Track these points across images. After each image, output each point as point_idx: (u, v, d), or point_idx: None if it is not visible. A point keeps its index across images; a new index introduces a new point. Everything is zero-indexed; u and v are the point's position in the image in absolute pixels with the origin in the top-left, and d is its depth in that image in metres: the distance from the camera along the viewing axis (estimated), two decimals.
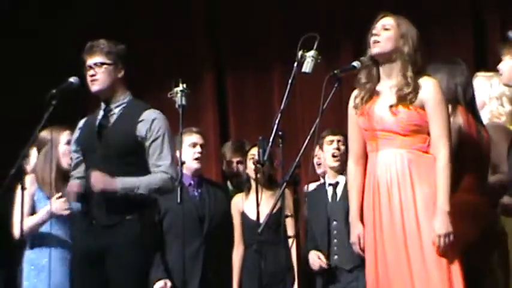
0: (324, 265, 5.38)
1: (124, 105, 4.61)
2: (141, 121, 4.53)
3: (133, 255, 4.39)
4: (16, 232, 5.08)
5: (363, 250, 4.13)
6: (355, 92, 4.18)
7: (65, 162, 5.21)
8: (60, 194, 5.07)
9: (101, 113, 4.62)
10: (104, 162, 4.50)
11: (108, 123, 4.57)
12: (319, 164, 5.85)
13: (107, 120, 4.58)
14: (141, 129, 4.52)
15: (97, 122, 4.60)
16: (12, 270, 4.99)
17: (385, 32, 4.05)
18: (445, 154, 3.94)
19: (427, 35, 6.51)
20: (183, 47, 7.56)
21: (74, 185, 4.65)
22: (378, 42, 4.05)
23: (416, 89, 4.00)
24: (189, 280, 5.32)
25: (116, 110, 4.59)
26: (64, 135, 5.23)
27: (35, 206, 5.15)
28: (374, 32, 4.07)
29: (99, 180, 4.39)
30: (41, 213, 5.09)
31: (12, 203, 5.09)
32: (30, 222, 4.99)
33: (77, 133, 4.76)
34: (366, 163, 4.15)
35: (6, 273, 5.16)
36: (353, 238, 4.18)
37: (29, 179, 5.03)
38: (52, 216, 5.05)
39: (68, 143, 5.22)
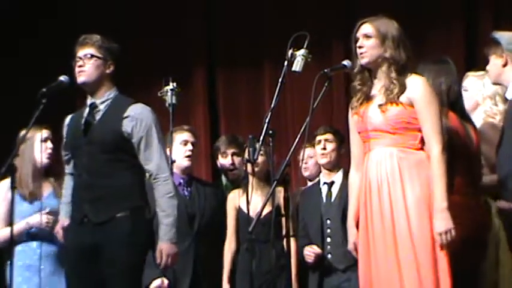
0: (318, 252, 5.37)
1: (110, 100, 4.57)
2: (126, 117, 4.48)
3: (125, 253, 4.35)
4: None
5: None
6: (353, 99, 4.20)
7: (41, 159, 5.19)
8: (48, 209, 5.06)
9: (87, 109, 4.60)
10: (90, 159, 4.48)
11: (94, 119, 4.54)
12: (306, 168, 5.89)
13: (92, 117, 4.55)
14: (126, 126, 4.47)
15: (83, 119, 4.58)
16: (2, 266, 4.95)
17: (367, 42, 4.09)
18: (437, 151, 3.96)
19: (420, 35, 6.58)
20: (174, 45, 7.55)
21: (60, 225, 4.69)
22: (364, 52, 4.09)
23: (402, 86, 4.03)
24: (180, 278, 5.33)
25: (102, 106, 4.56)
26: (40, 133, 5.20)
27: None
28: (358, 44, 4.11)
29: (166, 259, 4.44)
30: (20, 225, 5.06)
31: None
32: (6, 232, 4.79)
33: (64, 132, 4.72)
34: None
35: None
36: (350, 245, 4.21)
37: (6, 184, 5.02)
38: (30, 228, 5.09)
39: (45, 140, 5.21)
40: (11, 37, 7.41)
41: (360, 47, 4.10)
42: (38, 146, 5.22)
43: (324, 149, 5.54)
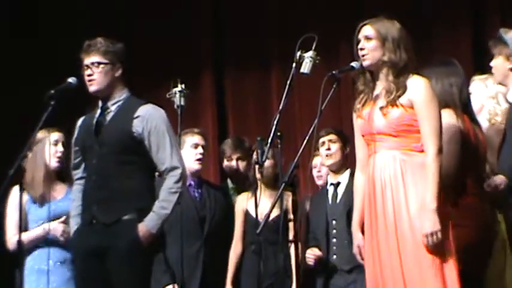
0: (319, 255, 5.37)
1: (121, 102, 4.58)
2: (136, 117, 4.49)
3: (133, 255, 4.36)
4: (10, 243, 5.09)
5: (363, 259, 4.14)
6: (357, 101, 4.19)
7: (52, 162, 5.20)
8: (63, 218, 5.06)
9: (98, 111, 4.60)
10: (100, 161, 4.48)
11: (105, 120, 4.55)
12: (319, 176, 5.83)
13: (103, 118, 4.56)
14: (137, 126, 4.48)
15: (94, 120, 4.58)
16: (12, 273, 4.95)
17: (368, 44, 4.08)
18: (432, 152, 3.93)
19: (427, 37, 6.58)
20: (182, 46, 7.56)
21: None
22: (365, 54, 4.08)
23: (402, 88, 4.01)
24: (189, 281, 5.34)
25: (113, 108, 4.56)
26: (52, 136, 5.20)
27: (27, 214, 5.11)
28: (360, 46, 4.10)
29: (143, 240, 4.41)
30: (37, 231, 5.07)
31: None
32: (24, 237, 4.83)
33: (76, 133, 4.73)
34: None
35: (7, 276, 5.13)
36: (354, 249, 4.20)
37: (17, 190, 5.03)
38: (47, 234, 5.07)
39: (56, 143, 5.21)
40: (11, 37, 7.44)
41: (361, 49, 4.10)
42: (48, 149, 5.22)
43: (329, 149, 5.53)
